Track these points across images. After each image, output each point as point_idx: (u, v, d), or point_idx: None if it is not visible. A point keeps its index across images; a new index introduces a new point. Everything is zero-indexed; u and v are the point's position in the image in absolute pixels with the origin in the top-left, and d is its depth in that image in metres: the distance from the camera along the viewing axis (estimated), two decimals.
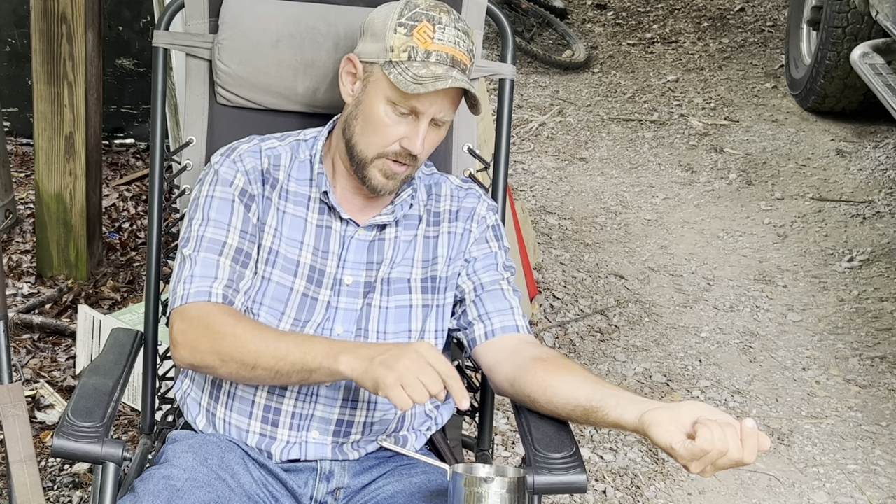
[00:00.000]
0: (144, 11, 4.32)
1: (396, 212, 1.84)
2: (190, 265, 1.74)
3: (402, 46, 1.70)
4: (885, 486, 2.88)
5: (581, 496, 2.76)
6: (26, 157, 4.36)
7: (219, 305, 1.71)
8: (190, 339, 1.69)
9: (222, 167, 1.81)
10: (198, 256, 1.74)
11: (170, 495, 1.59)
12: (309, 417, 1.78)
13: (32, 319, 3.31)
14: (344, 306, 1.80)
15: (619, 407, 1.60)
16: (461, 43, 1.73)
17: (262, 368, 1.65)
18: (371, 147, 1.75)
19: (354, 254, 1.82)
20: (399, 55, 1.70)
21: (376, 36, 1.74)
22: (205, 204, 1.79)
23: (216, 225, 1.77)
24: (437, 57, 1.70)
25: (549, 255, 4.01)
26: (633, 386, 3.26)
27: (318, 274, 1.80)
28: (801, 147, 4.94)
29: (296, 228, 1.81)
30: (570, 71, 5.83)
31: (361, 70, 1.77)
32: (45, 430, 2.88)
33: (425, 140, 1.74)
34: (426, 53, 1.70)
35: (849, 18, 4.70)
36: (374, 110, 1.74)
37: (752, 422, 1.49)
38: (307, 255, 1.80)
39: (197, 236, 1.76)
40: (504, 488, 1.50)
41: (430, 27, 1.70)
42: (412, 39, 1.70)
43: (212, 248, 1.75)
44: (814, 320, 3.66)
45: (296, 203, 1.82)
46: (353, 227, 1.83)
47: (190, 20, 2.06)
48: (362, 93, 1.76)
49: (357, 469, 1.80)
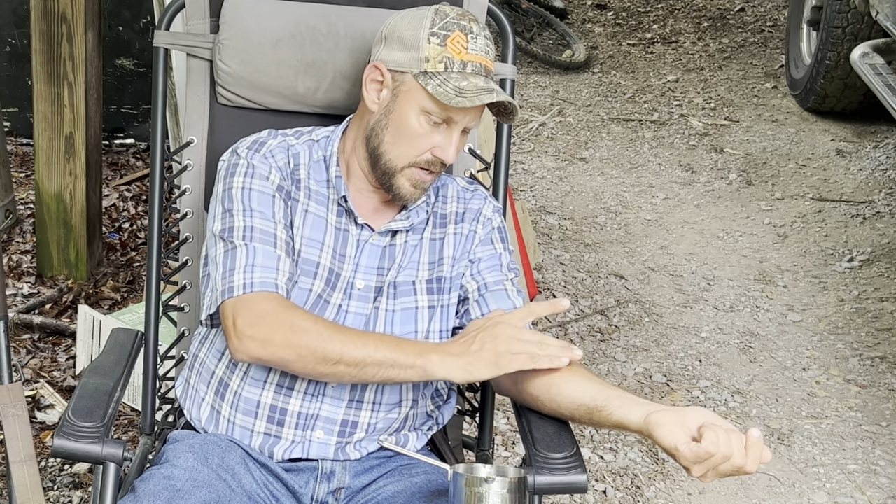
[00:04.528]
0: (144, 11, 4.32)
1: (412, 217, 1.84)
2: (246, 254, 1.69)
3: (438, 57, 1.70)
4: (885, 486, 2.88)
5: (581, 496, 2.77)
6: (26, 157, 4.36)
7: (286, 299, 1.68)
8: (262, 332, 1.64)
9: (255, 160, 1.77)
10: (255, 246, 1.70)
11: (170, 495, 1.59)
12: (314, 417, 1.77)
13: (32, 319, 3.31)
14: (354, 310, 1.80)
15: (624, 407, 1.61)
16: (490, 52, 1.75)
17: (346, 364, 1.63)
18: (402, 157, 1.75)
19: (368, 258, 1.82)
20: (435, 66, 1.70)
21: (406, 45, 1.72)
22: (243, 195, 1.74)
23: (262, 216, 1.73)
24: (472, 68, 1.71)
25: (549, 255, 4.02)
26: (633, 386, 3.26)
27: (334, 277, 1.79)
28: (801, 147, 4.94)
29: (317, 229, 1.80)
30: (570, 71, 5.83)
31: (390, 79, 1.75)
32: (45, 430, 2.88)
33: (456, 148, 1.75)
34: (462, 64, 1.70)
35: (849, 18, 4.70)
36: (407, 120, 1.73)
37: (758, 431, 1.50)
38: (327, 256, 1.79)
39: (244, 226, 1.71)
40: (504, 488, 1.50)
41: (464, 37, 1.71)
42: (446, 50, 1.70)
43: (265, 239, 1.71)
44: (814, 320, 3.66)
45: (318, 202, 1.81)
46: (368, 232, 1.82)
47: (190, 20, 2.06)
48: (393, 102, 1.75)
49: (358, 469, 1.80)
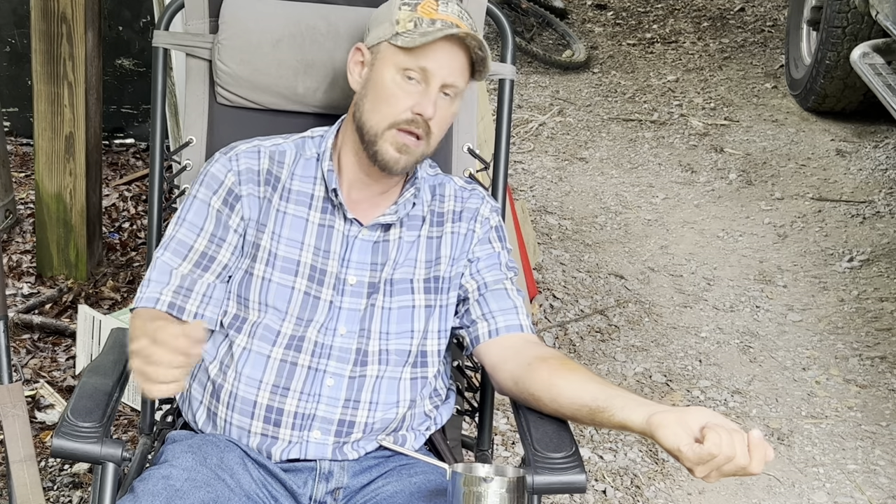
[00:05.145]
0: (144, 11, 4.32)
1: (399, 211, 1.84)
2: (151, 268, 1.81)
3: (408, 18, 1.75)
4: (885, 486, 2.88)
5: (581, 496, 2.76)
6: (26, 157, 4.36)
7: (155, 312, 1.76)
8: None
9: (214, 166, 1.84)
10: (161, 259, 1.80)
11: (169, 495, 1.59)
12: (311, 417, 1.78)
13: (32, 319, 3.31)
14: (347, 306, 1.80)
15: (626, 408, 1.60)
16: (465, 18, 1.78)
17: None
18: (383, 119, 1.76)
19: (359, 254, 1.82)
20: (405, 26, 1.74)
21: (380, 20, 1.79)
22: (185, 204, 1.84)
23: (189, 227, 1.82)
24: (442, 24, 1.74)
25: (549, 255, 4.02)
26: (633, 386, 3.26)
27: (318, 273, 1.80)
28: (801, 147, 4.94)
29: (296, 229, 1.81)
30: (570, 71, 5.83)
31: (369, 55, 1.80)
32: (45, 430, 2.88)
33: (438, 110, 1.75)
34: (431, 21, 1.74)
35: (849, 18, 4.69)
36: (384, 80, 1.76)
37: (760, 432, 1.50)
38: (307, 254, 1.81)
39: (169, 236, 1.83)
40: (503, 488, 1.50)
41: (434, 2, 1.76)
42: (416, 12, 1.75)
43: (178, 250, 1.81)
44: (814, 320, 3.66)
45: (297, 203, 1.83)
46: (357, 227, 1.83)
47: (190, 20, 2.07)
48: (370, 71, 1.79)
49: (356, 469, 1.80)
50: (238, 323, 1.81)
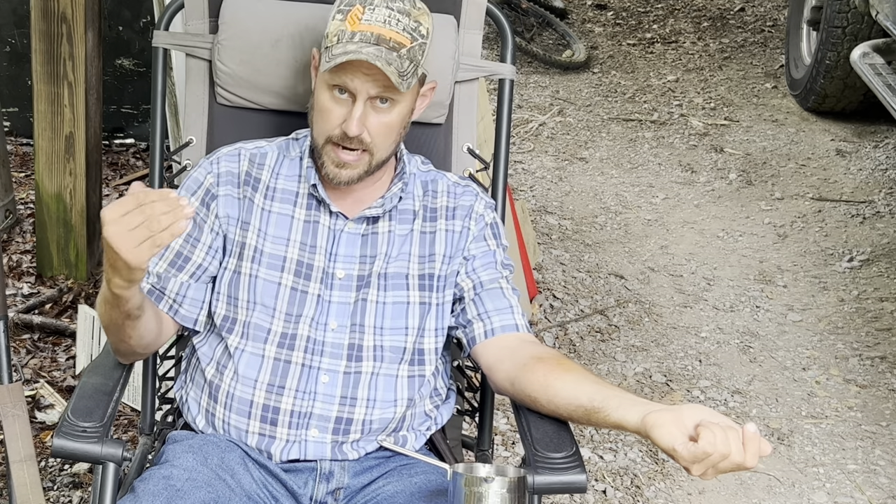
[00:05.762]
0: (144, 11, 4.32)
1: (386, 204, 1.84)
2: None
3: (335, 31, 1.72)
4: (885, 486, 2.88)
5: (581, 496, 2.76)
6: (26, 157, 4.36)
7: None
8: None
9: (197, 170, 1.86)
10: None
11: (170, 495, 1.59)
12: (308, 415, 1.78)
13: (32, 319, 3.31)
14: (337, 300, 1.81)
15: (622, 408, 1.60)
16: (393, 22, 1.71)
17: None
18: (320, 134, 1.77)
19: (346, 247, 1.82)
20: (331, 40, 1.72)
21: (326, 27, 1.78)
22: None
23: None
24: (360, 36, 1.69)
25: (549, 255, 4.02)
26: (633, 386, 3.26)
27: (305, 268, 1.81)
28: (801, 147, 4.94)
29: (281, 227, 1.82)
30: (570, 71, 5.83)
31: (318, 62, 1.80)
32: (45, 430, 2.88)
33: (368, 123, 1.73)
34: (351, 34, 1.70)
35: (849, 18, 4.69)
36: (320, 97, 1.76)
37: (754, 426, 1.49)
38: (294, 250, 1.81)
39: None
40: (504, 488, 1.50)
41: (361, 9, 1.71)
42: (344, 23, 1.72)
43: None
44: (814, 320, 3.66)
45: (282, 201, 1.83)
46: (343, 221, 1.83)
47: (190, 20, 2.07)
48: (315, 82, 1.80)
49: (357, 469, 1.80)
50: (229, 324, 1.81)
